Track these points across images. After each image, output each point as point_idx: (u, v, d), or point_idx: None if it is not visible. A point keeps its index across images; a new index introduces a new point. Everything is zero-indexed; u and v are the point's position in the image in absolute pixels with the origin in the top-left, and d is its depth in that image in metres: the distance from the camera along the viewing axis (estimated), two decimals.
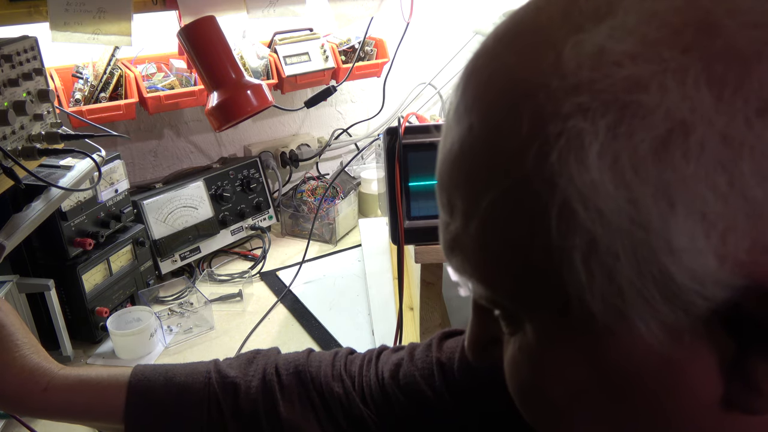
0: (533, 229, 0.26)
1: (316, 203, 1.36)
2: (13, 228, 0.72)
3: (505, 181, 0.26)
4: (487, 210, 0.27)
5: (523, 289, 0.28)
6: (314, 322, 1.08)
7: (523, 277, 0.28)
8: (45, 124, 0.79)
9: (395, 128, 0.82)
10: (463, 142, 0.28)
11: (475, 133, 0.28)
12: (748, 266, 0.23)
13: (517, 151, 0.26)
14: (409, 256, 0.96)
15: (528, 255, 0.27)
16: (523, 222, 0.26)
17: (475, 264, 0.30)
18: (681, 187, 0.23)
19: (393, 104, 1.54)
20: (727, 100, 0.22)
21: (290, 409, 0.56)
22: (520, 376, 0.32)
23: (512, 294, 0.29)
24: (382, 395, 0.57)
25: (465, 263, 0.30)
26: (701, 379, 0.26)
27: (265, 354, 0.61)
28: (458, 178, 0.29)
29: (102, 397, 0.55)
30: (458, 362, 0.56)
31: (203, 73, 1.02)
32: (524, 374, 0.31)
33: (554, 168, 0.24)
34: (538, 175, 0.25)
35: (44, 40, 0.82)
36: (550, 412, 0.31)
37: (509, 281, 0.28)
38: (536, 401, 0.32)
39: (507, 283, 0.29)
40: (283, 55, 1.28)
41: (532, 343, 0.30)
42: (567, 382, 0.29)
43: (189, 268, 1.25)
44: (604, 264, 0.24)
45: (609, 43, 0.24)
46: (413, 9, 1.30)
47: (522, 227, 0.26)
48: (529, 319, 0.30)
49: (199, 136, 1.38)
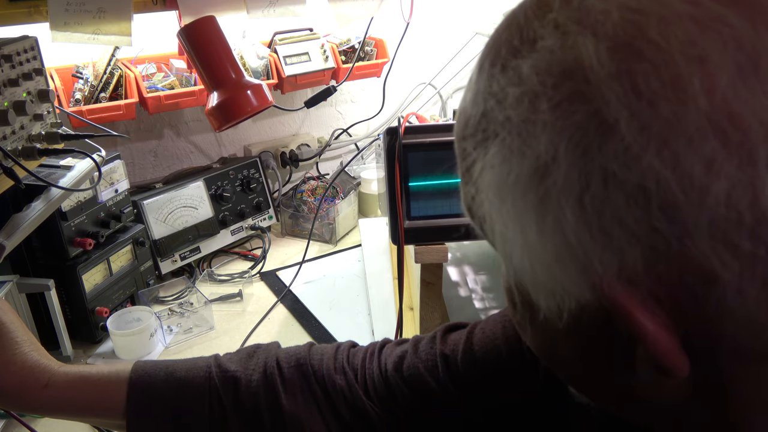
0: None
1: (316, 203, 1.36)
2: (13, 228, 0.72)
3: None
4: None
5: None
6: (314, 322, 1.08)
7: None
8: (45, 124, 0.79)
9: (395, 128, 0.82)
10: None
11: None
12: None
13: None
14: (409, 256, 0.96)
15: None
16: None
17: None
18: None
19: (393, 104, 1.54)
20: None
21: (293, 401, 0.56)
22: (534, 341, 0.37)
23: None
24: (386, 387, 0.57)
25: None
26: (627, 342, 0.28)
27: (266, 348, 0.61)
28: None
29: (103, 393, 0.55)
30: (462, 354, 0.56)
31: (203, 73, 1.02)
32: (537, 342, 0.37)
33: None
34: None
35: (44, 40, 0.82)
36: (565, 366, 0.36)
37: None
38: (552, 358, 0.37)
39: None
40: (283, 55, 1.28)
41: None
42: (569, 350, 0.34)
43: (189, 268, 1.25)
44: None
45: None
46: (413, 9, 1.30)
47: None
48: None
49: (199, 136, 1.38)
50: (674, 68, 0.23)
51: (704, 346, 0.26)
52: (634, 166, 0.24)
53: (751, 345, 0.25)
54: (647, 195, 0.24)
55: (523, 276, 0.30)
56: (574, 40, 0.26)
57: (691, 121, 0.23)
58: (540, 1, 0.28)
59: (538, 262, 0.28)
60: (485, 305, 1.03)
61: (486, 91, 0.29)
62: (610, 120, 0.24)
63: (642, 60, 0.24)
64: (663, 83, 0.23)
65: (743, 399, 0.28)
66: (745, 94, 0.23)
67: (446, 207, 0.83)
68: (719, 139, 0.23)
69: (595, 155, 0.24)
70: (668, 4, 0.24)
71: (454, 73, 1.52)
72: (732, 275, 0.23)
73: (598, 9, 0.25)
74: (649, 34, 0.24)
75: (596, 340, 0.30)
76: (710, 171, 0.23)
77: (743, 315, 0.24)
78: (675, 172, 0.23)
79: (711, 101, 0.23)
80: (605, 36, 0.25)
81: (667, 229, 0.24)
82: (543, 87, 0.26)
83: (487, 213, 0.31)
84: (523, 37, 0.28)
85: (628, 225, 0.24)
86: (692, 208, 0.23)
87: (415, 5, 1.29)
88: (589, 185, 0.25)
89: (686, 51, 0.23)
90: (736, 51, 0.23)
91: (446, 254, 0.85)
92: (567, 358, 0.35)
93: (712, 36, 0.23)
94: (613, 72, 0.24)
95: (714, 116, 0.23)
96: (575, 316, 0.29)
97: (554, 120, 0.25)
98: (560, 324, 0.29)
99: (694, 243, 0.23)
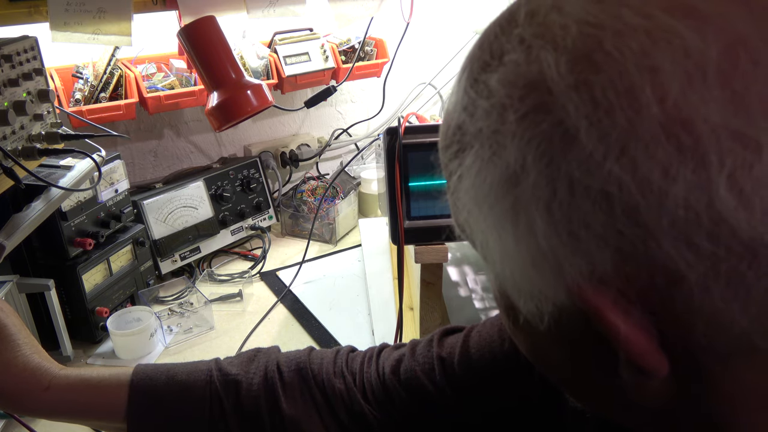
0: None
1: (316, 203, 1.36)
2: (13, 228, 0.72)
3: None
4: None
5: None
6: (314, 322, 1.08)
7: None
8: (45, 124, 0.79)
9: (395, 128, 0.81)
10: None
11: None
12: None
13: None
14: (409, 256, 0.96)
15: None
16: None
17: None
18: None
19: (393, 104, 1.54)
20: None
21: (292, 405, 0.56)
22: (524, 345, 0.37)
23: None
24: (384, 391, 0.57)
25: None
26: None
27: (266, 352, 0.61)
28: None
29: (104, 396, 0.55)
30: (459, 357, 0.56)
31: (203, 73, 1.02)
32: (526, 346, 0.37)
33: None
34: None
35: (44, 40, 0.82)
36: (554, 370, 0.36)
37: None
38: (542, 362, 0.37)
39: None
40: (283, 55, 1.28)
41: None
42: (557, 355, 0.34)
43: (189, 268, 1.25)
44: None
45: None
46: (413, 9, 1.30)
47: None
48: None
49: (199, 136, 1.38)
50: (628, 78, 0.24)
51: (680, 345, 0.27)
52: (596, 173, 0.25)
53: (723, 342, 0.26)
54: (610, 200, 0.25)
55: (504, 281, 0.32)
56: (537, 53, 0.27)
57: (645, 128, 0.24)
58: (509, 18, 0.30)
59: (516, 268, 0.29)
60: (485, 305, 1.03)
61: (461, 103, 0.31)
62: (571, 130, 0.25)
63: (599, 71, 0.25)
64: (618, 93, 0.24)
65: (725, 396, 0.28)
66: (696, 101, 0.23)
67: (446, 207, 0.82)
68: (674, 144, 0.23)
69: (560, 163, 0.25)
70: (623, 18, 0.25)
71: (454, 73, 1.52)
72: (696, 275, 0.24)
73: (558, 24, 0.27)
74: (605, 47, 0.25)
75: (578, 344, 0.31)
76: (667, 175, 0.24)
77: (711, 313, 0.25)
78: (635, 177, 0.24)
79: (663, 109, 0.24)
80: (565, 49, 0.26)
81: (631, 232, 0.25)
82: (510, 99, 0.27)
83: (466, 221, 0.32)
84: (492, 51, 0.29)
85: (595, 229, 0.25)
86: (653, 211, 0.24)
87: (415, 5, 1.29)
88: (556, 192, 0.26)
89: (639, 62, 0.24)
90: (685, 60, 0.24)
91: (446, 254, 0.85)
92: (554, 361, 0.35)
93: (664, 47, 0.24)
94: (572, 83, 0.25)
95: (667, 123, 0.24)
96: (555, 319, 0.29)
97: (522, 131, 0.27)
98: (542, 327, 0.30)
99: (658, 244, 0.24)
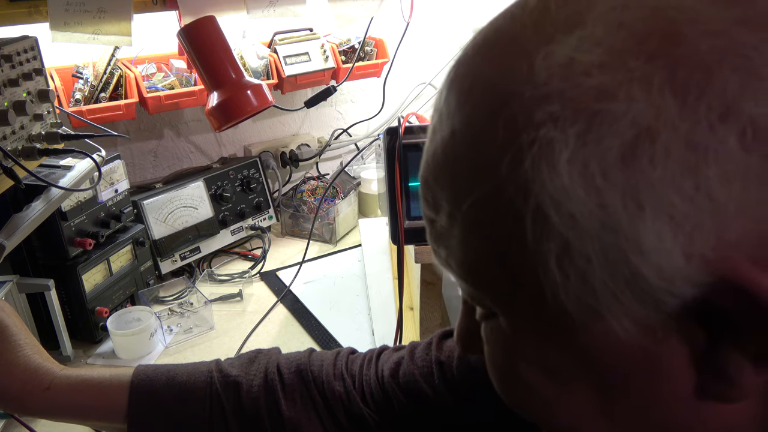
0: (510, 232, 0.27)
1: (316, 203, 1.36)
2: (13, 228, 0.72)
3: (484, 186, 0.27)
4: (468, 213, 0.28)
5: (501, 288, 0.29)
6: (314, 322, 1.08)
7: (501, 277, 0.29)
8: (45, 124, 0.79)
9: (395, 128, 0.81)
10: (446, 146, 0.30)
11: (457, 139, 0.29)
12: (714, 263, 0.24)
13: (494, 157, 0.27)
14: (409, 256, 0.96)
15: (506, 257, 0.28)
16: (500, 226, 0.27)
17: (458, 261, 0.31)
18: (648, 190, 0.24)
19: (393, 104, 1.54)
20: (690, 106, 0.23)
21: (292, 407, 0.56)
22: (496, 364, 0.34)
23: (491, 292, 0.30)
24: (382, 394, 0.57)
25: (449, 258, 0.31)
26: (675, 370, 0.27)
27: (267, 353, 0.61)
28: (443, 180, 0.30)
29: (104, 396, 0.55)
30: (457, 361, 0.56)
31: (203, 73, 1.02)
32: (500, 363, 0.33)
33: (527, 175, 0.26)
34: (512, 182, 0.26)
35: (44, 40, 0.82)
36: (527, 397, 0.32)
37: (488, 280, 0.30)
38: (513, 387, 0.34)
39: (486, 281, 0.30)
40: (283, 55, 1.28)
41: (508, 335, 0.31)
42: (539, 373, 0.31)
43: (189, 268, 1.25)
44: (577, 266, 0.26)
45: (578, 53, 0.25)
46: (413, 9, 1.30)
47: (499, 231, 0.27)
48: (504, 314, 0.31)
49: (199, 136, 1.38)
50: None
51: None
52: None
53: None
54: None
55: (605, 278, 0.29)
56: None
57: None
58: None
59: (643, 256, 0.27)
60: None
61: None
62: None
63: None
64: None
65: None
66: None
67: None
68: None
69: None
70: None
71: None
72: None
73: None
74: None
75: (669, 359, 0.28)
76: None
77: None
78: None
79: None
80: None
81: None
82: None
83: (594, 210, 0.29)
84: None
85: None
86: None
87: (415, 5, 1.29)
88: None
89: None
90: None
91: None
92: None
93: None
94: None
95: None
96: (661, 323, 0.27)
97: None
98: (630, 337, 0.27)
99: None
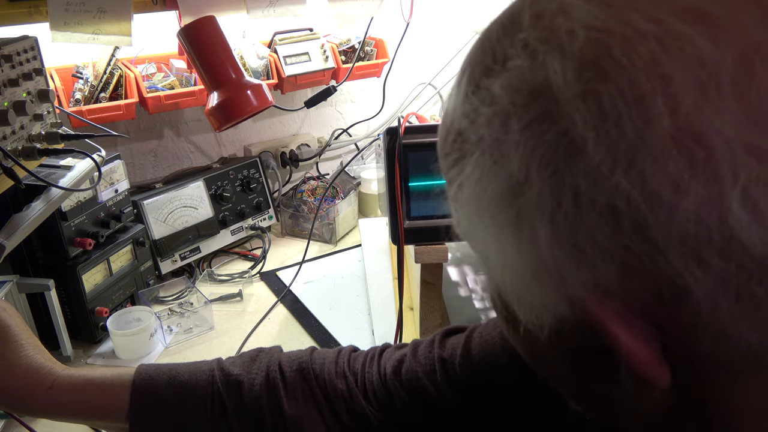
0: None
1: (316, 203, 1.36)
2: (13, 228, 0.72)
3: None
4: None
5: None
6: (314, 322, 1.08)
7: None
8: (45, 124, 0.79)
9: (395, 128, 0.81)
10: None
11: None
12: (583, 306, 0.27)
13: None
14: (409, 256, 0.96)
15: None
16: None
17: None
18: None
19: (393, 104, 1.54)
20: None
21: (294, 405, 0.56)
22: (524, 352, 0.37)
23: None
24: (385, 391, 0.57)
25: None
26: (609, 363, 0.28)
27: (268, 352, 0.61)
28: None
29: (106, 396, 0.55)
30: (460, 358, 0.56)
31: (203, 73, 1.02)
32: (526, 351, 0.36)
33: None
34: None
35: (44, 40, 0.82)
36: (555, 377, 0.36)
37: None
38: (543, 369, 0.37)
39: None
40: (283, 55, 1.28)
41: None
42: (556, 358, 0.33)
43: (189, 268, 1.25)
44: None
45: None
46: (413, 9, 1.30)
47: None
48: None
49: (199, 136, 1.38)
50: (638, 88, 0.23)
51: (684, 358, 0.26)
52: (603, 186, 0.24)
53: (730, 357, 0.25)
54: (617, 214, 0.24)
55: (504, 290, 0.31)
56: (543, 59, 0.26)
57: (656, 141, 0.23)
58: (512, 19, 0.28)
59: (517, 278, 0.29)
60: (485, 305, 1.03)
61: (461, 109, 0.30)
62: (578, 140, 0.24)
63: (607, 80, 0.24)
64: (627, 103, 0.23)
65: (729, 408, 0.28)
66: (709, 113, 0.22)
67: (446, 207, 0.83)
68: (685, 158, 0.23)
69: (565, 174, 0.25)
70: (633, 23, 0.24)
71: (454, 73, 1.52)
72: (705, 291, 0.24)
73: (565, 28, 0.25)
74: (614, 54, 0.24)
75: (580, 353, 0.30)
76: (678, 190, 0.23)
77: (718, 329, 0.24)
78: (643, 190, 0.23)
79: (675, 120, 0.23)
80: (572, 56, 0.25)
81: (638, 247, 0.24)
82: (514, 107, 0.26)
83: (467, 230, 0.31)
84: (495, 55, 0.28)
85: (600, 243, 0.25)
86: (662, 226, 0.23)
87: (415, 5, 1.29)
88: (561, 204, 0.25)
89: (650, 70, 0.23)
90: (698, 69, 0.23)
91: (446, 254, 0.85)
92: (555, 369, 0.35)
93: (676, 55, 0.23)
94: (579, 92, 0.24)
95: (679, 135, 0.23)
96: (556, 329, 0.29)
97: (525, 140, 0.26)
98: (543, 337, 0.29)
99: (666, 260, 0.24)
